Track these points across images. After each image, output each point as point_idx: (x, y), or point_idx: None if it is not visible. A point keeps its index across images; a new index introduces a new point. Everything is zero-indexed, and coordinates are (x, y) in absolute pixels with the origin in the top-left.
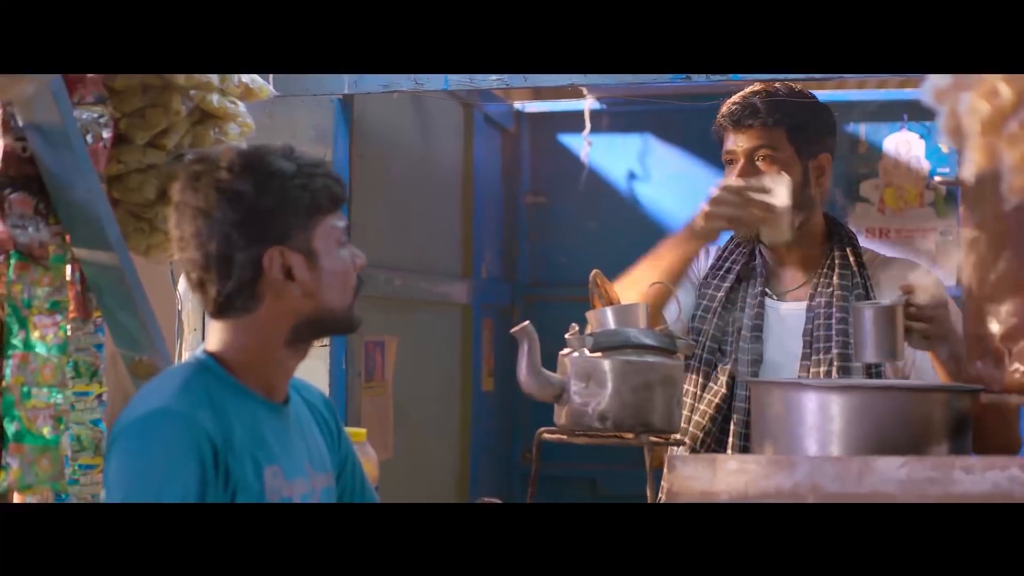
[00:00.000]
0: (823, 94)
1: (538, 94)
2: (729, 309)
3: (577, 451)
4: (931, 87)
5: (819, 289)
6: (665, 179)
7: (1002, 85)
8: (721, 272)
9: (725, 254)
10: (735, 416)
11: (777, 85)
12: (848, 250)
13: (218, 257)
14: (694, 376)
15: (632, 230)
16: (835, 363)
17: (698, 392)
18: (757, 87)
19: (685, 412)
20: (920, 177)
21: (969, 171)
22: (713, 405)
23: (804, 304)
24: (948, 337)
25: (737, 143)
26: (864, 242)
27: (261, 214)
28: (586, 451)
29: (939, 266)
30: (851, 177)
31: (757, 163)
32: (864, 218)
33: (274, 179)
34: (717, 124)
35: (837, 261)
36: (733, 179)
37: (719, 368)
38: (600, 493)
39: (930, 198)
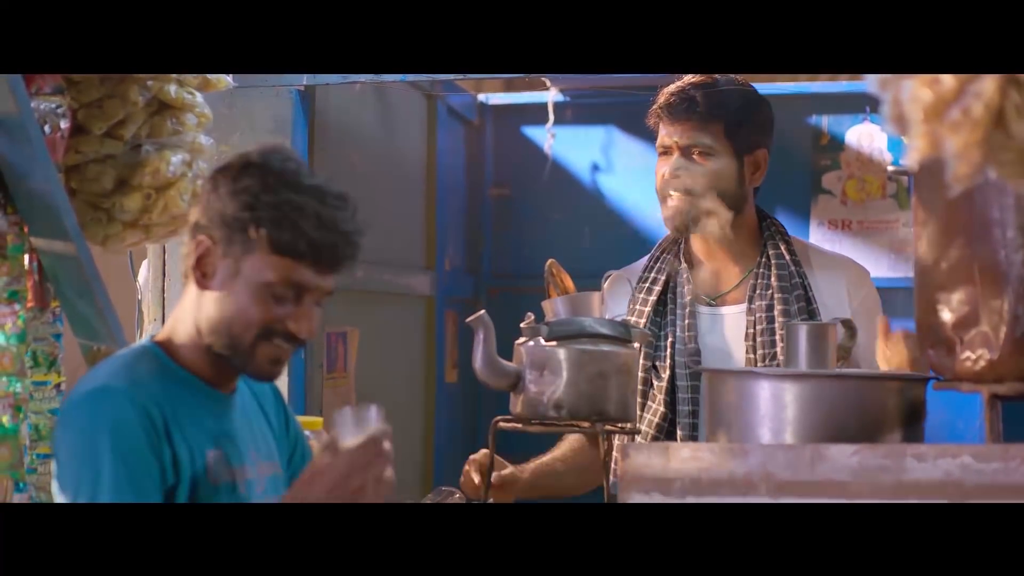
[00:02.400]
0: (783, 85)
1: (503, 85)
2: (658, 323)
3: (541, 441)
4: (875, 76)
5: (758, 291)
6: (629, 171)
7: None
8: (647, 284)
9: (650, 263)
10: (680, 433)
11: (717, 77)
12: (782, 247)
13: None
14: None
15: (596, 222)
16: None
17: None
18: (696, 79)
19: None
20: (882, 169)
21: (913, 159)
22: (654, 425)
23: (743, 307)
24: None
25: (673, 136)
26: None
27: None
28: (550, 440)
29: (901, 257)
30: (813, 169)
31: (693, 157)
32: (826, 210)
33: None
34: (653, 114)
35: (772, 260)
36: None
37: (655, 386)
38: None
39: (892, 190)
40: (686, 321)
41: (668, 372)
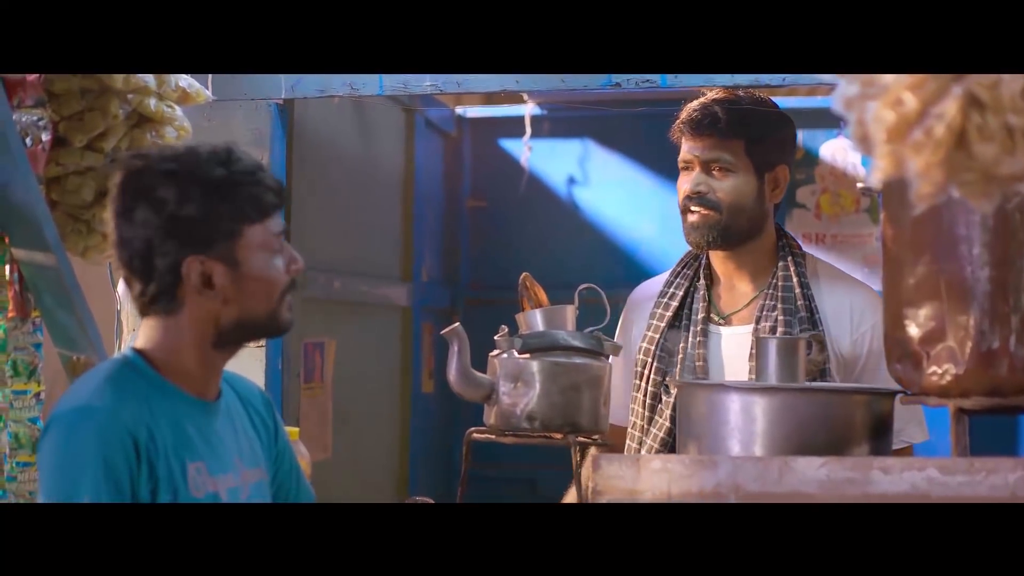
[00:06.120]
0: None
1: (481, 99)
2: (673, 340)
3: (517, 452)
4: (840, 96)
5: (764, 312)
6: (604, 183)
7: (907, 94)
8: (665, 300)
9: (671, 278)
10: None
11: (740, 93)
12: (792, 268)
13: (140, 260)
14: (640, 409)
15: (571, 234)
16: None
17: (644, 425)
18: (719, 94)
19: (632, 444)
20: (856, 184)
21: (877, 179)
22: (659, 440)
23: (750, 328)
24: None
25: (694, 151)
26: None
27: (182, 222)
28: (525, 452)
29: (874, 271)
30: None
31: (713, 173)
32: (800, 224)
33: (199, 187)
34: (676, 129)
35: (781, 282)
36: None
37: (664, 401)
38: (540, 494)
39: (866, 204)
40: (697, 339)
41: (676, 388)
